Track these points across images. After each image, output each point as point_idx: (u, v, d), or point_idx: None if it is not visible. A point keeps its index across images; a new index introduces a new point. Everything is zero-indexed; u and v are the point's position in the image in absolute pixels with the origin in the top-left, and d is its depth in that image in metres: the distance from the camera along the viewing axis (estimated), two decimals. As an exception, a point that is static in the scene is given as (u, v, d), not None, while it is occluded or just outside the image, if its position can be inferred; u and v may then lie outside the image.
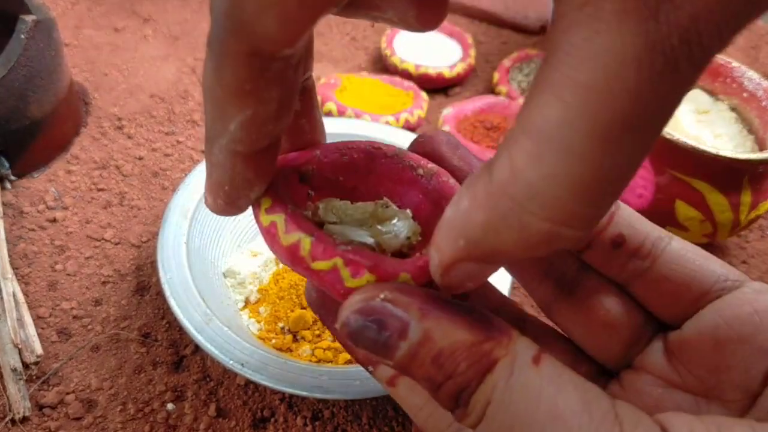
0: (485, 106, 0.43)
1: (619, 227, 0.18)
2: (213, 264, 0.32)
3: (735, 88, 0.37)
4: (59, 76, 0.39)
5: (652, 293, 0.18)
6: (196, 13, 0.54)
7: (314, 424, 0.28)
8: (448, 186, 0.18)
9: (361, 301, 0.14)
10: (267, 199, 0.16)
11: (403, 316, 0.14)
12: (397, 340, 0.14)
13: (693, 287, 0.17)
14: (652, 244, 0.18)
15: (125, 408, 0.28)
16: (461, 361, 0.13)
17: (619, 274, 0.18)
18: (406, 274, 0.15)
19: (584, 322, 0.19)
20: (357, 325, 0.14)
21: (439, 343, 0.13)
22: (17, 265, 0.33)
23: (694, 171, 0.32)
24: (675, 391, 0.17)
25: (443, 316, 0.14)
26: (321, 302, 0.17)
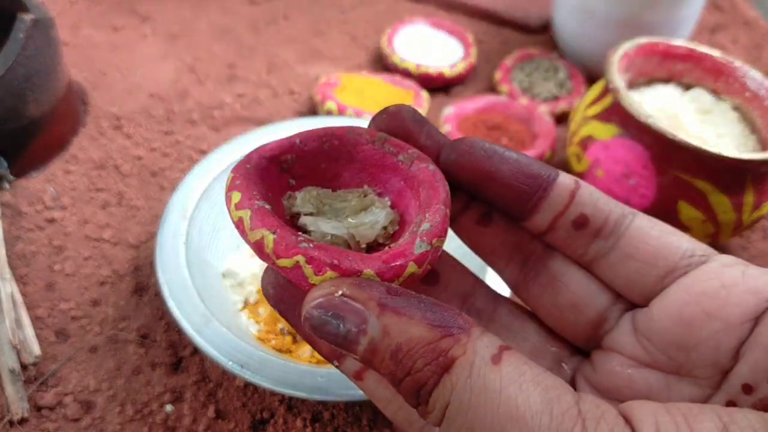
0: (486, 106, 0.43)
1: (580, 207, 0.18)
2: (212, 264, 0.32)
3: (738, 88, 0.37)
4: (58, 75, 0.38)
5: (618, 273, 0.18)
6: (195, 13, 0.54)
7: (314, 425, 0.28)
8: (428, 173, 0.18)
9: (321, 296, 0.14)
10: (237, 193, 0.16)
11: (361, 311, 0.14)
12: (356, 334, 0.14)
13: (658, 264, 0.17)
14: (615, 223, 0.18)
15: (123, 409, 0.28)
16: (418, 358, 0.13)
17: (584, 255, 0.18)
18: (370, 270, 0.15)
19: (551, 303, 0.19)
20: (318, 320, 0.14)
21: (396, 339, 0.13)
22: (15, 265, 0.33)
23: (696, 171, 0.32)
24: (645, 370, 0.17)
25: (401, 311, 0.13)
26: (279, 298, 0.17)
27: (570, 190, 0.18)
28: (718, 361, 0.16)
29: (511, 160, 0.18)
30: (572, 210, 0.18)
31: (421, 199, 0.17)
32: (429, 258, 0.15)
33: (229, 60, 0.49)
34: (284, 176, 0.18)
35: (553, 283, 0.19)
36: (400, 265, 0.15)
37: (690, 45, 0.38)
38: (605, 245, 0.18)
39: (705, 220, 0.33)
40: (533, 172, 0.18)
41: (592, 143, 0.35)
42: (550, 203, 0.18)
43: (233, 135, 0.40)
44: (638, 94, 0.38)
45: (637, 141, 0.33)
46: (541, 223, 0.18)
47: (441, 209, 0.16)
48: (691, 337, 0.16)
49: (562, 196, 0.18)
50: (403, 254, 0.15)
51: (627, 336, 0.17)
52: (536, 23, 0.55)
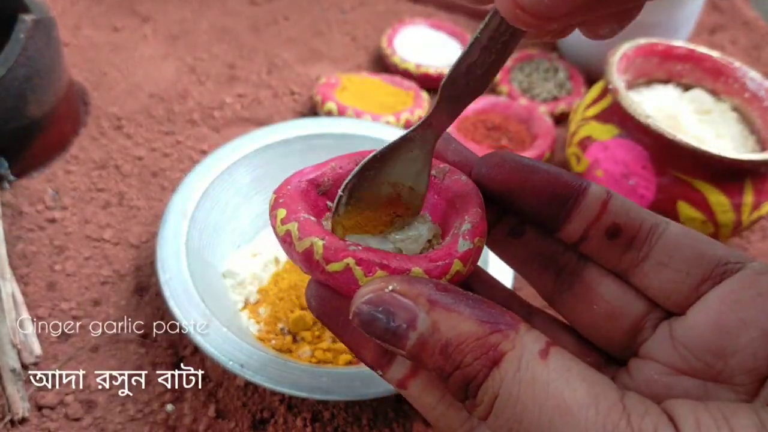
0: (486, 106, 0.43)
1: (613, 216, 0.18)
2: (212, 265, 0.32)
3: (737, 89, 0.37)
4: (58, 75, 0.38)
5: (652, 281, 0.18)
6: (196, 13, 0.54)
7: (314, 425, 0.28)
8: (461, 183, 0.18)
9: (371, 291, 0.14)
10: (282, 210, 0.17)
11: (411, 307, 0.14)
12: (406, 330, 0.14)
13: (693, 272, 0.17)
14: (648, 232, 0.18)
15: (124, 408, 0.28)
16: (468, 352, 0.13)
17: (618, 265, 0.18)
18: (418, 269, 0.15)
19: (586, 313, 0.19)
20: (368, 315, 0.14)
21: (446, 334, 0.14)
22: (16, 265, 0.33)
23: (695, 171, 0.32)
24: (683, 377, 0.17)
25: (451, 307, 0.14)
26: (322, 310, 0.18)
27: (602, 200, 0.18)
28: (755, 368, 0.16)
29: (541, 171, 0.18)
30: (605, 219, 0.18)
31: (457, 207, 0.18)
32: (472, 256, 0.16)
33: (229, 60, 0.49)
34: (322, 199, 0.19)
35: (588, 293, 0.19)
36: (446, 263, 0.15)
37: (689, 46, 0.38)
38: (639, 254, 0.18)
39: (704, 220, 0.33)
40: (564, 182, 0.18)
41: (591, 144, 0.35)
42: (582, 213, 0.18)
43: (234, 135, 0.41)
44: (637, 94, 0.38)
45: (636, 141, 0.33)
46: (574, 233, 0.18)
47: (478, 212, 0.17)
48: (729, 345, 0.16)
49: (594, 206, 0.18)
50: (448, 253, 0.16)
51: (664, 344, 0.18)
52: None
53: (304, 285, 0.31)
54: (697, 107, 0.37)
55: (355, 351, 0.18)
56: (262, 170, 0.35)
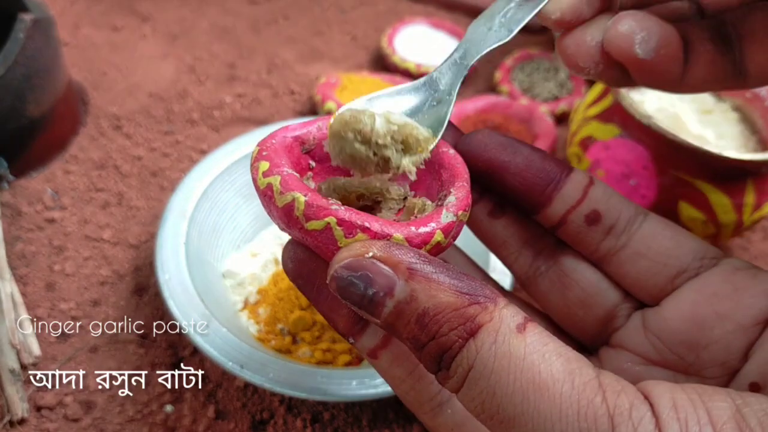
0: (487, 106, 0.43)
1: (594, 203, 0.18)
2: (212, 265, 0.32)
3: (738, 88, 0.37)
4: (57, 75, 0.38)
5: (628, 271, 0.18)
6: (195, 12, 0.54)
7: (314, 426, 0.28)
8: (448, 155, 0.18)
9: (350, 256, 0.14)
10: (264, 163, 0.16)
11: (390, 274, 0.14)
12: (383, 297, 0.14)
13: (669, 264, 0.17)
14: (628, 221, 0.18)
15: (124, 409, 0.28)
16: (444, 322, 0.13)
17: (595, 252, 0.18)
18: (399, 235, 0.15)
19: (560, 299, 0.19)
20: (345, 280, 0.14)
21: (424, 304, 0.13)
22: (15, 265, 0.33)
23: (697, 171, 0.32)
24: (654, 368, 0.17)
25: (431, 276, 0.14)
26: (298, 272, 0.17)
27: (583, 186, 0.18)
28: (727, 361, 0.16)
29: (525, 152, 0.18)
30: (585, 205, 0.18)
31: (443, 179, 0.18)
32: (454, 229, 0.16)
33: (229, 60, 0.49)
34: (305, 157, 0.19)
35: (563, 279, 0.19)
36: (428, 232, 0.15)
37: (690, 45, 0.38)
38: (617, 242, 0.18)
39: (705, 220, 0.33)
40: (547, 165, 0.18)
41: (592, 143, 0.35)
42: (563, 197, 0.18)
43: (233, 135, 0.40)
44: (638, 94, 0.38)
45: (637, 141, 0.33)
46: (553, 216, 0.18)
47: (464, 186, 0.17)
48: (703, 337, 0.16)
49: (576, 191, 0.18)
50: (430, 222, 0.15)
51: (637, 334, 0.18)
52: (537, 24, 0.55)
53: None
54: (698, 107, 0.37)
55: (327, 317, 0.17)
56: (262, 170, 0.35)
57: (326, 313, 0.17)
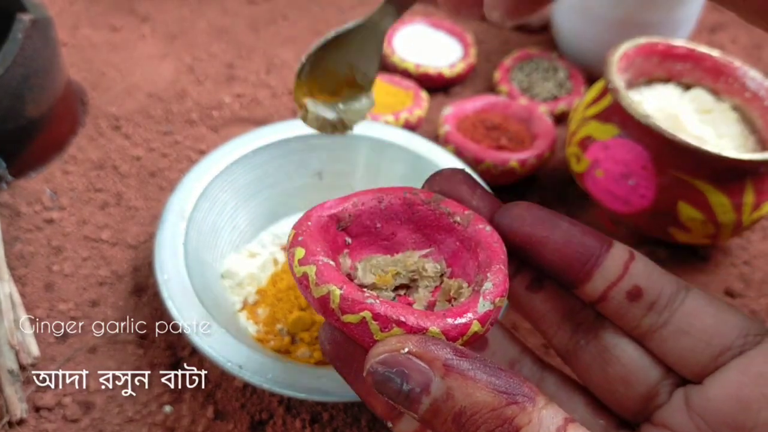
0: (486, 106, 0.43)
1: (635, 279, 0.17)
2: (211, 265, 0.32)
3: (737, 88, 0.37)
4: (56, 75, 0.38)
5: (671, 348, 0.18)
6: (194, 12, 0.54)
7: (313, 426, 0.28)
8: (485, 233, 0.18)
9: (386, 351, 0.14)
10: (300, 249, 0.16)
11: (426, 371, 0.13)
12: (419, 394, 0.13)
13: (713, 342, 0.17)
14: (669, 297, 0.17)
15: (123, 410, 0.28)
16: (482, 423, 0.13)
17: (636, 328, 0.18)
18: (435, 328, 0.15)
19: (601, 374, 0.19)
20: (381, 376, 0.14)
21: (461, 402, 0.13)
22: (14, 265, 0.33)
23: (696, 171, 0.32)
24: None
25: (467, 374, 0.13)
26: (335, 355, 0.17)
27: (624, 261, 0.18)
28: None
29: (564, 227, 0.18)
30: (626, 281, 0.18)
31: (479, 259, 0.18)
32: (492, 317, 0.16)
33: (228, 60, 0.49)
34: (341, 235, 0.19)
35: (604, 354, 0.19)
36: (465, 323, 0.15)
37: (689, 45, 0.38)
38: (659, 319, 0.18)
39: (705, 220, 0.33)
40: (587, 240, 0.18)
41: (591, 143, 0.35)
42: (603, 273, 0.18)
43: (232, 135, 0.40)
44: (638, 94, 0.38)
45: (636, 141, 0.33)
46: (594, 292, 0.18)
47: (502, 269, 0.17)
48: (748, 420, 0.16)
49: (616, 266, 0.17)
50: (467, 312, 0.15)
51: (679, 413, 0.17)
52: (536, 23, 0.55)
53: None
54: (697, 107, 0.37)
55: (366, 400, 0.17)
56: (261, 170, 0.35)
57: (363, 397, 0.17)
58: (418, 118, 0.42)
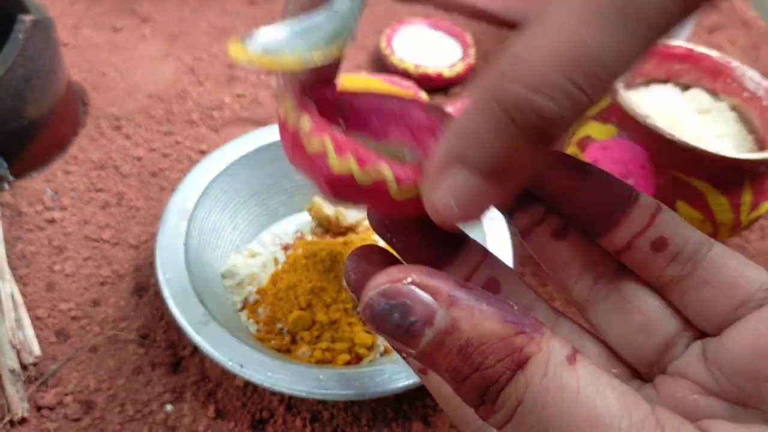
0: (485, 106, 0.43)
1: (661, 229, 0.17)
2: (211, 265, 0.32)
3: (736, 88, 0.37)
4: (57, 75, 0.38)
5: (691, 299, 0.18)
6: (195, 13, 0.54)
7: (313, 425, 0.28)
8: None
9: (387, 282, 0.13)
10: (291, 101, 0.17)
11: (430, 302, 0.13)
12: (422, 326, 0.13)
13: (734, 294, 0.17)
14: (694, 249, 0.17)
15: (124, 409, 0.28)
16: (490, 353, 0.13)
17: (658, 278, 0.18)
18: (387, 166, 0.14)
19: (620, 323, 0.19)
20: (381, 309, 0.13)
21: (467, 334, 0.13)
22: (15, 265, 0.33)
23: (694, 171, 0.32)
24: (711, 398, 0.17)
25: (473, 305, 0.13)
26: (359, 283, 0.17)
27: (651, 212, 0.18)
28: None
29: (593, 176, 0.18)
30: (652, 231, 0.17)
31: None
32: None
33: (228, 60, 0.49)
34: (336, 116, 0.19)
35: (624, 304, 0.19)
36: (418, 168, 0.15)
37: (688, 45, 0.38)
38: (682, 270, 0.17)
39: (703, 219, 0.33)
40: (615, 190, 0.18)
41: (590, 143, 0.35)
42: (631, 221, 0.18)
43: (233, 135, 0.41)
44: (636, 94, 0.38)
45: (635, 141, 0.33)
46: (619, 240, 0.18)
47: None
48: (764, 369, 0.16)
49: (643, 216, 0.18)
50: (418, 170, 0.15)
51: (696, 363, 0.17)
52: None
53: (303, 286, 0.31)
54: (695, 107, 0.37)
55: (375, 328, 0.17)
56: (262, 170, 0.35)
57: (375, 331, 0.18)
58: None
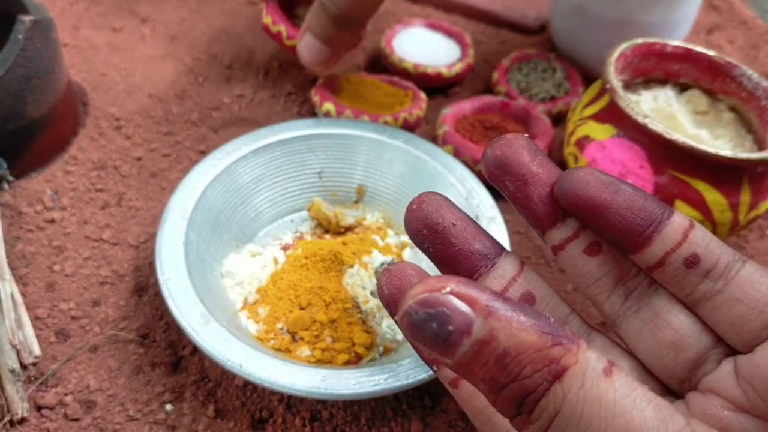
0: (484, 106, 0.43)
1: (693, 246, 0.18)
2: (211, 265, 0.32)
3: (734, 88, 0.37)
4: (57, 76, 0.38)
5: (722, 316, 0.18)
6: (194, 14, 0.54)
7: (313, 424, 0.28)
8: None
9: (425, 291, 0.13)
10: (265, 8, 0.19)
11: (468, 313, 0.13)
12: (459, 336, 0.13)
13: (766, 311, 0.17)
14: (726, 266, 0.18)
15: (124, 408, 0.28)
16: (527, 364, 0.13)
17: (690, 295, 0.18)
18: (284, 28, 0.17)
19: (651, 339, 0.19)
20: (418, 318, 0.13)
21: (505, 343, 0.13)
22: (15, 265, 0.33)
23: (693, 171, 0.32)
24: (743, 415, 0.17)
25: (510, 315, 0.13)
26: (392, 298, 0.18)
27: (684, 229, 0.18)
28: None
29: (627, 192, 0.18)
30: (685, 248, 0.18)
31: None
32: None
33: (227, 61, 0.49)
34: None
35: (655, 320, 0.19)
36: None
37: (686, 45, 0.38)
38: (714, 287, 0.18)
39: (702, 219, 0.33)
40: (648, 207, 0.18)
41: (589, 143, 0.35)
42: (663, 239, 0.18)
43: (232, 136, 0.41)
44: (635, 94, 0.38)
45: (633, 141, 0.33)
46: (652, 257, 0.18)
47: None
48: None
49: (676, 234, 0.18)
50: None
51: (728, 380, 0.18)
52: (534, 24, 0.55)
53: (303, 285, 0.31)
54: (694, 107, 0.38)
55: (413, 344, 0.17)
56: (261, 170, 0.35)
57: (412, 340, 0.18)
58: (417, 118, 0.42)
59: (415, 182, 0.36)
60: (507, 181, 0.19)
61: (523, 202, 0.19)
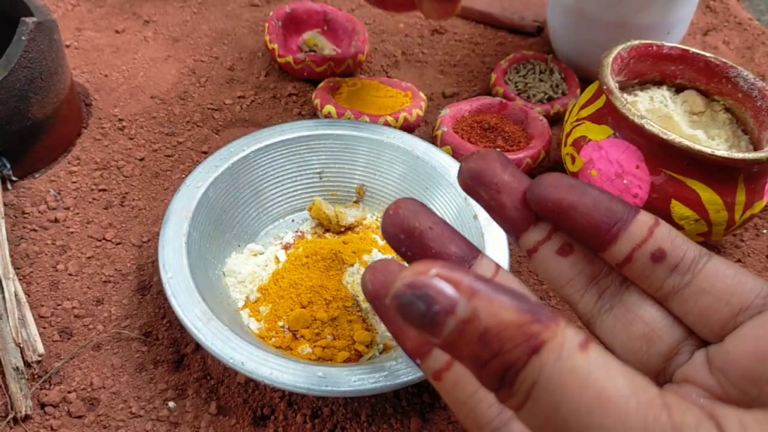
0: (482, 107, 0.44)
1: (659, 242, 0.18)
2: (213, 264, 0.32)
3: (730, 89, 0.38)
4: (60, 77, 0.39)
5: (691, 308, 0.18)
6: (197, 15, 0.55)
7: (314, 421, 0.29)
8: None
9: (413, 275, 0.14)
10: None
11: (452, 294, 0.14)
12: (444, 316, 0.14)
13: (732, 301, 0.18)
14: (692, 260, 0.18)
15: (127, 406, 0.29)
16: (507, 340, 0.13)
17: (659, 290, 0.19)
18: None
19: (624, 334, 0.19)
20: (406, 299, 0.14)
21: (486, 322, 0.13)
22: (19, 265, 0.33)
23: (689, 171, 0.32)
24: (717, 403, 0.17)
25: (492, 296, 0.14)
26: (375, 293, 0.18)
27: (649, 226, 0.18)
28: None
29: (593, 194, 0.19)
30: (651, 244, 0.18)
31: None
32: None
33: (229, 63, 0.50)
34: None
35: (627, 315, 0.19)
36: None
37: (682, 46, 0.38)
38: (681, 280, 0.18)
39: (697, 219, 0.33)
40: (614, 207, 0.19)
41: (586, 144, 0.36)
42: (630, 235, 0.19)
43: (234, 136, 0.41)
44: (631, 95, 0.39)
45: (630, 141, 0.34)
46: (619, 254, 0.19)
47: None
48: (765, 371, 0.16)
49: (641, 230, 0.18)
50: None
51: (701, 369, 0.18)
52: (531, 26, 0.56)
53: (304, 284, 0.32)
54: (690, 107, 0.38)
55: (396, 337, 0.18)
56: (262, 170, 0.36)
57: (395, 333, 0.19)
58: (417, 118, 0.43)
59: (415, 182, 0.36)
60: (481, 191, 0.20)
61: (497, 209, 0.20)
